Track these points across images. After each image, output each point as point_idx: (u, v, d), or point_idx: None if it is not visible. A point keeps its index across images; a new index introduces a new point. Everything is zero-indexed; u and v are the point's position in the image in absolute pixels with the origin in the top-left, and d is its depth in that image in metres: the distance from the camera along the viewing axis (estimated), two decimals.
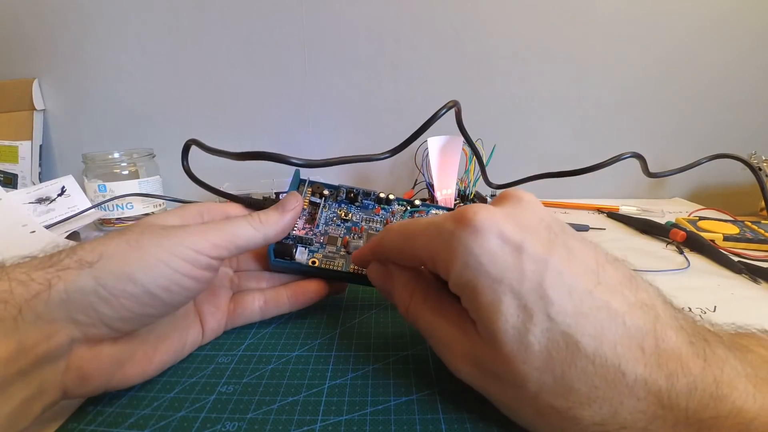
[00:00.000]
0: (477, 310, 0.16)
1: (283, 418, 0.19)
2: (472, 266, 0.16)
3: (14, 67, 0.63)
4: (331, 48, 0.61)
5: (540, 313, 0.15)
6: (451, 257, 0.17)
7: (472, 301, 0.16)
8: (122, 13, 0.60)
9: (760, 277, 0.34)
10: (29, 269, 0.18)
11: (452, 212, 0.18)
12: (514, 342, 0.15)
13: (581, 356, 0.14)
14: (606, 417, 0.14)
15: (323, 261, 0.28)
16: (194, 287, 0.21)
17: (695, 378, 0.14)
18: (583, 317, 0.15)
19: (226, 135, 0.65)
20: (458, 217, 0.17)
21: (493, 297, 0.16)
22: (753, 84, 0.60)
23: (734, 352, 0.15)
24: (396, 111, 0.64)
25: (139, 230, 0.21)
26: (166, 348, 0.22)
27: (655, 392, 0.14)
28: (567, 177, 0.44)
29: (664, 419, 0.14)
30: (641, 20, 0.59)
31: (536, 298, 0.15)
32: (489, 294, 0.16)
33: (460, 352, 0.18)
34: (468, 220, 0.16)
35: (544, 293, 0.15)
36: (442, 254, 0.17)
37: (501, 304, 0.15)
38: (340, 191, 0.31)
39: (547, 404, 0.15)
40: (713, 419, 0.13)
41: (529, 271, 0.15)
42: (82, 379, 0.19)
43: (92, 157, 0.52)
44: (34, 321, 0.17)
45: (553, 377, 0.15)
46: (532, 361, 0.15)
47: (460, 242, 0.16)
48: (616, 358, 0.14)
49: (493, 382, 0.17)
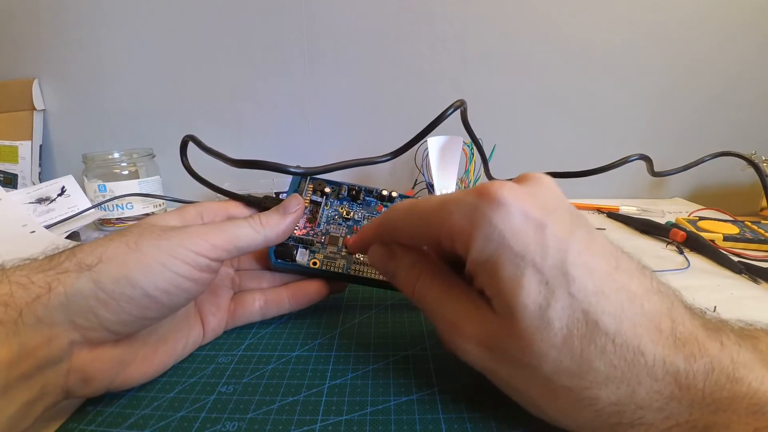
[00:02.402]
0: (497, 285, 0.16)
1: (283, 418, 0.19)
2: (495, 240, 0.16)
3: (14, 67, 0.63)
4: (331, 47, 0.61)
5: (561, 290, 0.15)
6: (473, 231, 0.16)
7: (492, 276, 0.16)
8: (122, 13, 0.60)
9: (760, 277, 0.34)
10: (29, 272, 0.18)
11: (473, 188, 0.17)
12: (535, 318, 0.15)
13: (601, 334, 0.14)
14: (622, 397, 0.14)
15: (324, 262, 0.28)
16: (194, 289, 0.21)
17: (712, 359, 0.14)
18: (603, 296, 0.15)
19: (226, 135, 0.65)
20: (481, 191, 0.16)
21: (515, 271, 0.15)
22: (753, 84, 0.60)
23: (745, 340, 0.15)
24: (396, 110, 0.64)
25: (138, 232, 0.21)
26: (168, 348, 0.22)
27: (673, 373, 0.14)
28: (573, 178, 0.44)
29: (680, 400, 0.14)
30: (643, 21, 0.59)
31: (558, 275, 0.15)
32: (511, 268, 0.15)
33: (470, 331, 0.17)
34: (491, 195, 0.16)
35: (566, 270, 0.15)
36: (462, 228, 0.17)
37: (523, 278, 0.15)
38: (342, 188, 0.31)
39: (562, 385, 0.15)
40: (729, 400, 0.14)
41: (551, 248, 0.15)
42: (84, 380, 0.19)
43: (92, 157, 0.52)
44: (35, 324, 0.17)
45: (572, 356, 0.15)
46: (551, 339, 0.15)
47: (484, 216, 0.16)
48: (635, 337, 0.14)
49: (504, 363, 0.17)
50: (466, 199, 0.17)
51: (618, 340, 0.14)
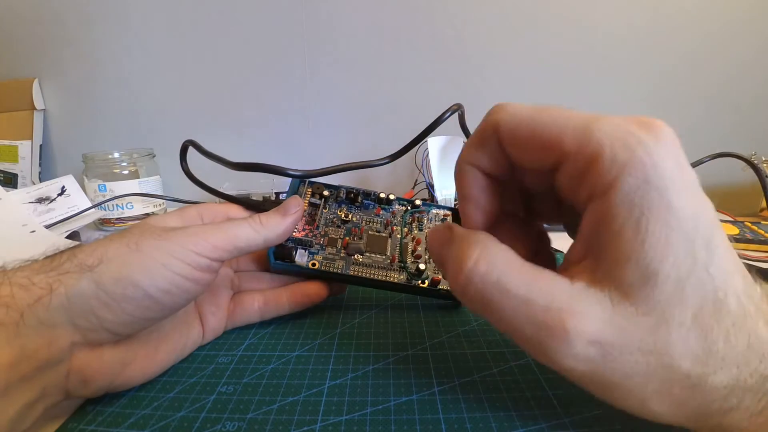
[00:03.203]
0: (638, 242, 0.13)
1: (283, 418, 0.19)
2: (655, 185, 0.13)
3: (14, 67, 0.63)
4: (332, 48, 0.61)
5: (702, 265, 0.13)
6: (630, 166, 0.13)
7: (634, 229, 0.13)
8: (123, 13, 0.60)
9: (760, 277, 0.34)
10: (30, 273, 0.18)
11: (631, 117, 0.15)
12: (673, 291, 0.13)
13: (725, 314, 0.14)
14: (732, 381, 0.14)
15: (323, 263, 0.28)
16: (194, 289, 0.21)
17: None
18: (732, 276, 0.14)
19: (226, 135, 0.65)
20: (645, 122, 0.14)
21: (668, 233, 0.13)
22: (753, 85, 0.60)
23: None
24: (396, 110, 0.64)
25: (138, 232, 0.21)
26: (168, 348, 0.22)
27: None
28: None
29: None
30: (643, 22, 0.59)
31: (703, 248, 0.13)
32: (664, 228, 0.13)
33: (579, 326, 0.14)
34: (657, 128, 0.14)
35: (711, 246, 0.14)
36: (614, 157, 0.14)
37: (672, 242, 0.13)
38: (340, 192, 0.31)
39: (684, 372, 0.14)
40: None
41: (702, 219, 0.14)
42: (84, 381, 0.19)
43: (92, 157, 0.52)
44: (36, 326, 0.17)
45: (698, 337, 0.13)
46: (683, 316, 0.13)
47: (648, 153, 0.13)
48: (752, 319, 0.14)
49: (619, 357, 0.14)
50: (625, 124, 0.14)
51: (739, 321, 0.14)
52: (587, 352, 0.14)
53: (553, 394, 0.20)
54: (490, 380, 0.21)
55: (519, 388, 0.20)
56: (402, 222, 0.31)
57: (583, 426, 0.18)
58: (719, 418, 0.14)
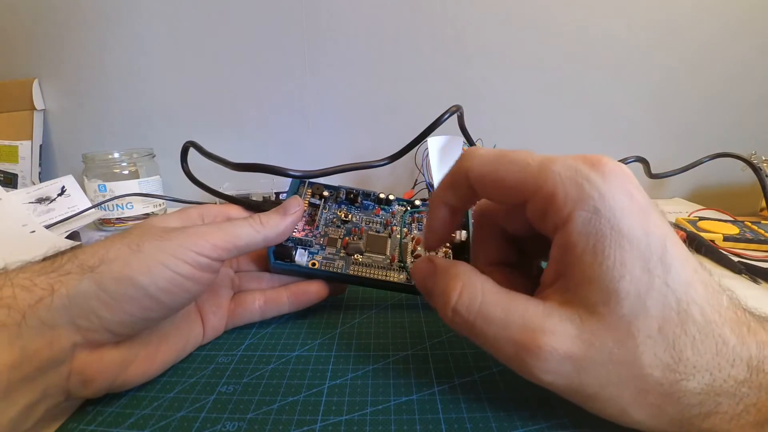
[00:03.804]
0: (597, 266, 0.15)
1: (283, 418, 0.19)
2: (604, 216, 0.15)
3: (14, 67, 0.63)
4: (332, 48, 0.61)
5: (659, 278, 0.15)
6: (580, 201, 0.15)
7: (592, 255, 0.15)
8: (123, 13, 0.60)
9: (760, 277, 0.34)
10: (32, 274, 0.18)
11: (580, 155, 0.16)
12: (634, 306, 0.15)
13: (691, 323, 0.15)
14: (705, 386, 0.15)
15: (323, 263, 0.28)
16: (195, 289, 0.21)
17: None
18: (693, 288, 0.15)
19: (226, 135, 0.65)
20: (593, 160, 0.16)
21: (619, 253, 0.15)
22: (753, 85, 0.60)
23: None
24: (396, 110, 0.64)
25: (139, 233, 0.21)
26: (168, 348, 0.22)
27: (746, 359, 0.15)
28: None
29: (750, 384, 0.15)
30: (643, 23, 0.59)
31: (658, 263, 0.15)
32: (616, 250, 0.15)
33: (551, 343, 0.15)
34: (602, 164, 0.16)
35: (666, 260, 0.15)
36: (566, 195, 0.15)
37: (627, 262, 0.15)
38: (340, 192, 0.31)
39: (656, 380, 0.15)
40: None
41: (654, 236, 0.15)
42: (85, 382, 0.19)
43: (92, 157, 0.52)
44: (38, 327, 0.17)
45: (665, 346, 0.15)
46: (648, 328, 0.15)
47: (595, 187, 0.15)
48: (719, 326, 0.15)
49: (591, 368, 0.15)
50: (574, 164, 0.16)
51: (705, 329, 0.15)
52: (562, 366, 0.15)
53: (553, 394, 0.20)
54: (490, 380, 0.21)
55: (519, 388, 0.20)
56: (402, 222, 0.31)
57: (583, 426, 0.18)
58: (699, 423, 0.15)
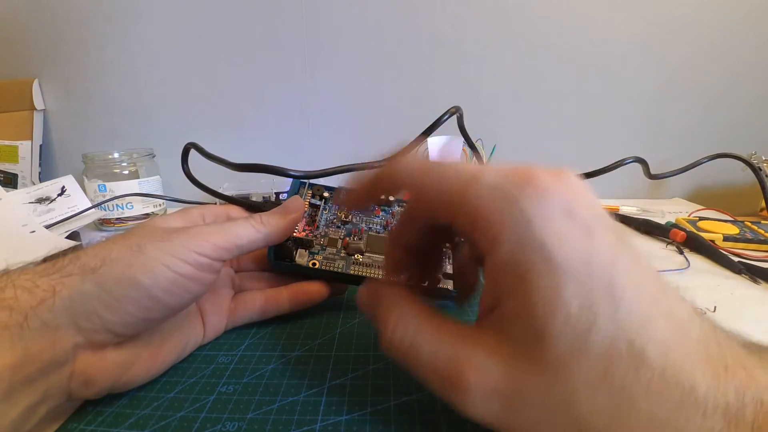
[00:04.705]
0: (526, 299, 0.13)
1: (283, 418, 0.19)
2: (531, 244, 0.13)
3: (14, 67, 0.63)
4: (332, 48, 0.61)
5: (605, 315, 0.12)
6: (504, 226, 0.13)
7: (521, 286, 0.13)
8: (123, 13, 0.60)
9: (760, 277, 0.34)
10: (34, 276, 0.18)
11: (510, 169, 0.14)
12: (570, 347, 0.12)
13: (646, 368, 0.12)
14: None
15: (323, 263, 0.28)
16: (196, 289, 0.21)
17: (761, 390, 0.12)
18: (651, 324, 0.12)
19: (226, 135, 0.65)
20: (520, 176, 0.14)
21: (551, 285, 0.13)
22: (753, 86, 0.60)
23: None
24: (396, 110, 0.64)
25: (140, 234, 0.21)
26: (169, 348, 0.22)
27: (722, 408, 0.12)
28: None
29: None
30: (644, 23, 0.59)
31: (604, 297, 0.12)
32: (548, 281, 0.13)
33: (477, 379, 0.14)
34: (532, 184, 0.13)
35: (613, 293, 0.12)
36: (490, 219, 0.14)
37: (561, 296, 0.12)
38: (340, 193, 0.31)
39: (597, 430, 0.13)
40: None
41: (597, 264, 0.13)
42: (87, 383, 0.19)
43: (92, 157, 0.52)
44: (40, 328, 0.17)
45: (610, 395, 0.12)
46: (588, 374, 0.12)
47: (521, 211, 0.13)
48: (686, 371, 0.12)
49: (524, 409, 0.13)
50: (500, 184, 0.14)
51: (667, 375, 0.12)
52: (489, 403, 0.14)
53: None
54: None
55: None
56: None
57: None
58: None
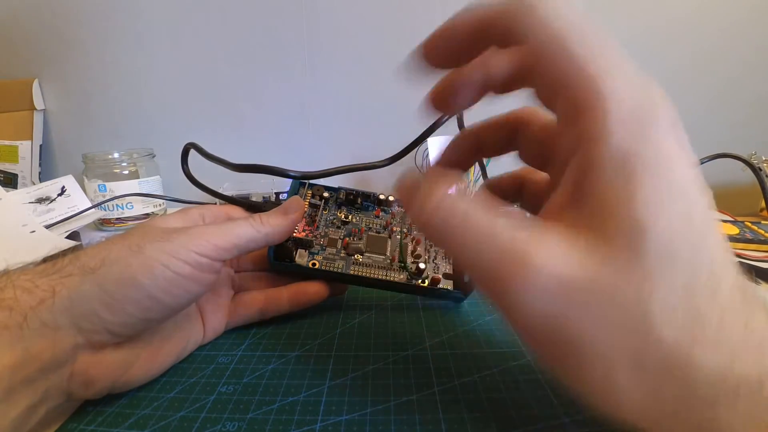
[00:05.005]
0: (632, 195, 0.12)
1: (283, 418, 0.19)
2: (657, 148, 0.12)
3: (14, 67, 0.63)
4: (331, 48, 0.61)
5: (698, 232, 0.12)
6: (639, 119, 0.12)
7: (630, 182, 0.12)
8: (123, 13, 0.60)
9: (760, 278, 0.34)
10: (33, 276, 0.18)
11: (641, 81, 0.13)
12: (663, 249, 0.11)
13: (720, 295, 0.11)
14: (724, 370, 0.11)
15: (323, 263, 0.28)
16: (196, 290, 0.21)
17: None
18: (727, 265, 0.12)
19: (226, 135, 0.65)
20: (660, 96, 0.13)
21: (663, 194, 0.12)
22: (753, 86, 0.60)
23: None
24: (396, 110, 0.64)
25: (140, 234, 0.21)
26: (169, 348, 0.22)
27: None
28: None
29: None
30: (644, 24, 0.59)
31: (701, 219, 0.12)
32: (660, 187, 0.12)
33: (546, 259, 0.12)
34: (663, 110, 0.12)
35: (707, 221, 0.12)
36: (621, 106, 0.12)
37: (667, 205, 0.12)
38: (340, 193, 0.31)
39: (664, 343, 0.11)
40: None
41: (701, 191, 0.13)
42: (86, 383, 0.19)
43: (92, 157, 0.52)
44: (39, 328, 0.17)
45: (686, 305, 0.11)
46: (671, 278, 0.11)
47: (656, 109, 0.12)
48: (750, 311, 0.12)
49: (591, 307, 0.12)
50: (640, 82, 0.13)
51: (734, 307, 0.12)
52: (549, 289, 0.12)
53: (553, 394, 0.20)
54: (490, 380, 0.21)
55: (519, 388, 0.20)
56: (402, 223, 0.31)
57: (583, 426, 0.18)
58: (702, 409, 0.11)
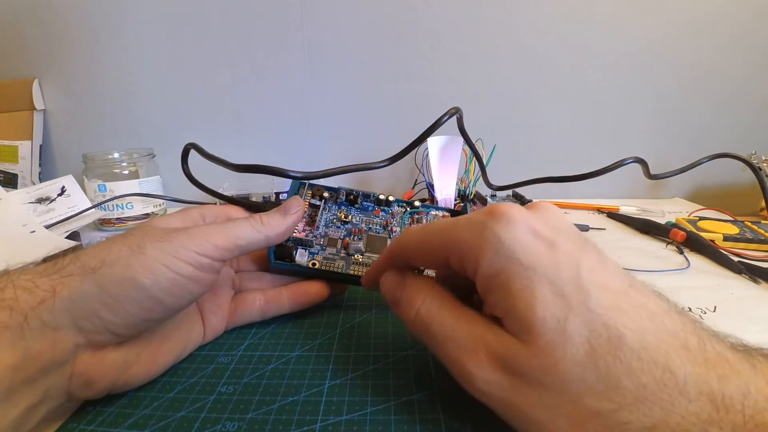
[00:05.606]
0: (510, 300, 0.15)
1: (283, 418, 0.19)
2: (504, 254, 0.16)
3: (14, 67, 0.63)
4: (331, 48, 0.61)
5: (579, 303, 0.14)
6: (482, 246, 0.16)
7: (504, 291, 0.16)
8: (123, 13, 0.60)
9: (760, 277, 0.34)
10: (34, 276, 0.18)
11: (485, 208, 0.18)
12: (554, 331, 0.14)
13: (626, 350, 0.14)
14: (657, 421, 0.13)
15: (323, 263, 0.28)
16: (197, 290, 0.21)
17: (747, 381, 0.13)
18: (622, 312, 0.14)
19: (226, 135, 0.65)
20: (490, 210, 0.17)
21: (527, 283, 0.15)
22: (753, 86, 0.60)
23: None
24: (396, 110, 0.64)
25: (140, 234, 0.21)
26: (169, 348, 0.22)
27: (707, 393, 0.13)
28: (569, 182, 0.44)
29: (720, 424, 0.12)
30: (641, 21, 0.59)
31: (574, 289, 0.15)
32: (523, 280, 0.15)
33: (486, 355, 0.16)
34: (500, 212, 0.17)
35: (581, 285, 0.15)
36: (471, 244, 0.17)
37: (536, 290, 0.15)
38: (340, 193, 0.31)
39: (591, 409, 0.14)
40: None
41: (563, 264, 0.15)
42: (87, 383, 0.19)
43: (92, 157, 0.52)
44: (40, 328, 0.17)
45: (597, 374, 0.14)
46: (574, 355, 0.14)
47: (492, 232, 0.16)
48: (662, 354, 0.13)
49: (526, 389, 0.15)
50: (475, 218, 0.17)
51: (644, 356, 0.13)
52: (498, 378, 0.16)
53: None
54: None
55: None
56: (401, 223, 0.31)
57: None
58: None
